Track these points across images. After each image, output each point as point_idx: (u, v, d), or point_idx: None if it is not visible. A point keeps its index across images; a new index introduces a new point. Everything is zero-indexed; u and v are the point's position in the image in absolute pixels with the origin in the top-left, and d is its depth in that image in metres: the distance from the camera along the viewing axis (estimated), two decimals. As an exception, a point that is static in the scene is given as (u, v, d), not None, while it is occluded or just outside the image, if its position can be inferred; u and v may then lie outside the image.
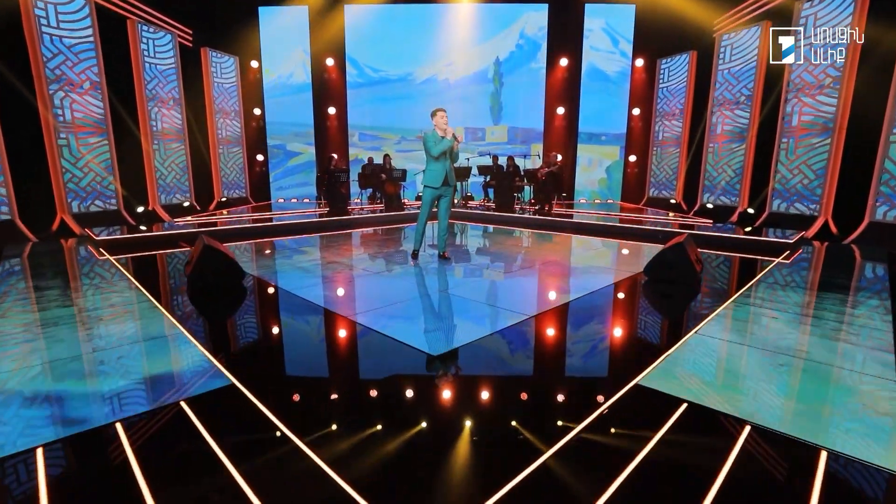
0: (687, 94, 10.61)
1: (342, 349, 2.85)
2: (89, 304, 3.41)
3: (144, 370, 2.35)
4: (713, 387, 2.20)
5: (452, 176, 4.83)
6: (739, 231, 7.29)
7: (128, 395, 2.09)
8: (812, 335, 2.86)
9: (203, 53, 10.29)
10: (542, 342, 2.95)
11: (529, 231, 7.81)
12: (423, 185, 4.81)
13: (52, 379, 2.23)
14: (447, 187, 4.80)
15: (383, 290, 3.89)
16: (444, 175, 4.70)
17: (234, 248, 5.98)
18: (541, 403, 2.19)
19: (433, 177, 4.72)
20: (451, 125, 4.70)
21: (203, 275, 3.68)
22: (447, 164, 4.72)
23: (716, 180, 9.51)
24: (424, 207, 4.85)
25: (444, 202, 4.88)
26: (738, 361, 2.52)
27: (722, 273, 4.78)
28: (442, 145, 4.58)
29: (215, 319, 3.32)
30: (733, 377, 2.35)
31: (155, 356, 2.53)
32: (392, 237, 7.16)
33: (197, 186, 9.92)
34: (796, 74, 7.58)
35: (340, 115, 12.25)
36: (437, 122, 4.65)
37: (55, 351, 2.55)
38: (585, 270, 4.75)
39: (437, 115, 4.65)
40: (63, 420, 1.87)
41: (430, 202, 4.80)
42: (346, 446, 1.72)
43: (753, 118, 8.72)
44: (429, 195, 4.79)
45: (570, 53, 11.86)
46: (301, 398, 2.14)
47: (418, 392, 2.22)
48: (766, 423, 1.86)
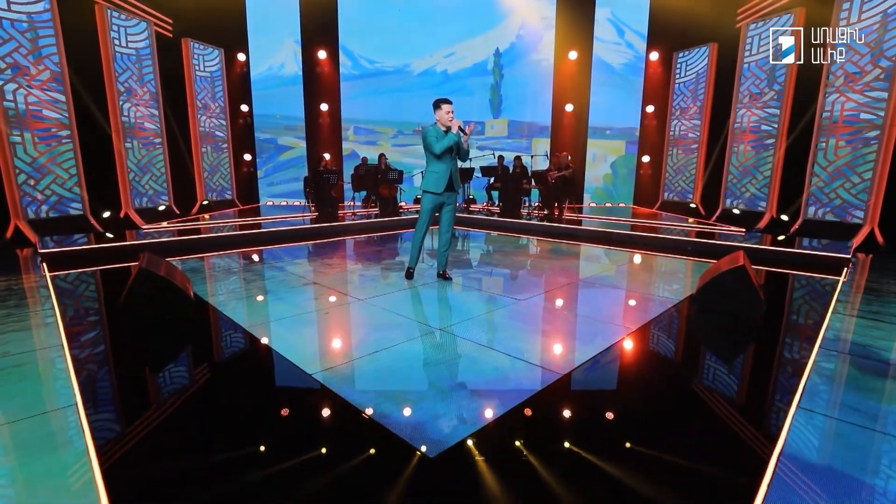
0: (706, 89, 9.83)
1: (286, 428, 1.94)
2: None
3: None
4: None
5: (458, 179, 4.04)
6: (767, 241, 6.51)
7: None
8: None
9: (184, 44, 9.50)
10: (582, 420, 2.03)
11: (540, 240, 7.02)
12: (423, 190, 4.01)
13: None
14: (451, 193, 4.00)
15: (364, 329, 3.05)
16: (447, 177, 3.89)
17: (197, 264, 5.20)
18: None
19: (435, 180, 3.92)
20: (454, 118, 3.90)
21: (135, 308, 2.90)
22: (452, 164, 3.93)
23: (740, 183, 8.73)
24: (423, 216, 4.03)
25: (447, 211, 4.07)
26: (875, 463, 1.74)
27: (779, 298, 4.00)
28: (446, 141, 3.79)
29: (134, 383, 2.39)
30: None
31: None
32: (385, 247, 6.37)
33: (176, 189, 9.14)
34: (838, 66, 6.79)
35: (333, 111, 11.48)
36: (441, 116, 3.86)
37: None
38: (614, 295, 3.96)
39: (443, 107, 3.85)
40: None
41: (430, 210, 4.00)
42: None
43: (784, 115, 7.93)
44: (429, 202, 3.98)
45: (579, 46, 11.09)
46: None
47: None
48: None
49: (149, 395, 2.25)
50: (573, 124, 11.43)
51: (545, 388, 2.21)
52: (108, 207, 7.67)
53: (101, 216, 7.45)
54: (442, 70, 11.48)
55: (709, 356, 2.81)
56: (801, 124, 7.63)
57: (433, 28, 11.23)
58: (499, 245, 6.62)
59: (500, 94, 11.60)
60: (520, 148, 11.49)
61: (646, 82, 11.12)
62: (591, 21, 10.99)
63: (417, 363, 2.53)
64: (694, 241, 6.30)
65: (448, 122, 3.85)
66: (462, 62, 11.43)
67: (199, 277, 4.45)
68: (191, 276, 4.35)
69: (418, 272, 4.33)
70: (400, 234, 7.59)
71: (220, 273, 4.68)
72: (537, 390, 2.20)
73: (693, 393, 2.29)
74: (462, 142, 3.84)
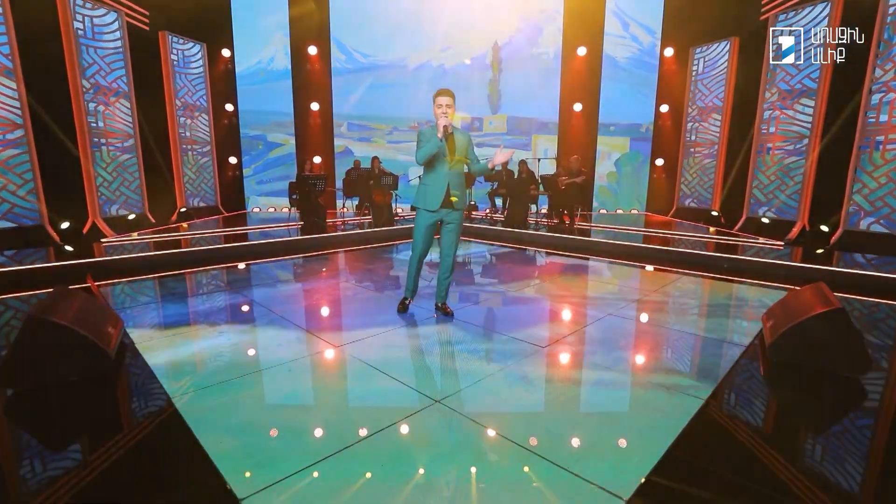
0: (727, 87, 9.10)
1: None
2: None
3: None
4: None
5: (462, 193, 3.23)
6: (798, 254, 5.76)
7: None
8: None
9: (162, 39, 8.76)
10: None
11: (553, 254, 6.27)
12: (414, 206, 3.27)
13: None
14: (451, 211, 3.21)
15: (333, 401, 2.25)
16: (444, 191, 3.12)
17: (151, 288, 4.43)
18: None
19: (426, 193, 3.17)
20: None
21: (21, 368, 2.14)
22: (453, 173, 3.16)
23: (766, 189, 7.98)
24: (417, 237, 3.26)
25: (448, 232, 3.28)
26: None
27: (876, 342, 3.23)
28: (428, 148, 3.05)
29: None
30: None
31: None
32: (377, 264, 5.61)
33: (152, 195, 8.37)
34: (886, 58, 6.05)
35: (325, 110, 10.73)
36: (435, 110, 3.09)
37: None
38: (662, 336, 3.18)
39: (436, 99, 3.08)
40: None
41: (424, 230, 3.23)
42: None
43: (819, 114, 7.19)
44: (422, 221, 3.22)
45: (588, 42, 10.37)
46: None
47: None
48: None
49: None
50: (582, 125, 10.69)
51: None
52: (73, 217, 6.91)
53: (61, 226, 6.68)
54: (439, 64, 10.88)
55: (811, 441, 2.05)
56: (839, 124, 6.88)
57: (430, 20, 10.63)
58: (507, 262, 5.86)
59: (499, 89, 10.98)
60: (519, 145, 10.87)
61: (660, 80, 10.39)
62: (601, 15, 10.27)
63: (407, 478, 1.64)
64: (733, 259, 5.54)
65: (437, 121, 3.05)
66: (460, 56, 10.84)
67: (143, 309, 3.68)
68: (135, 306, 3.60)
69: (415, 297, 3.57)
70: (395, 246, 6.84)
71: (171, 302, 3.91)
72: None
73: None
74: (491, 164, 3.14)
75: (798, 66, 7.38)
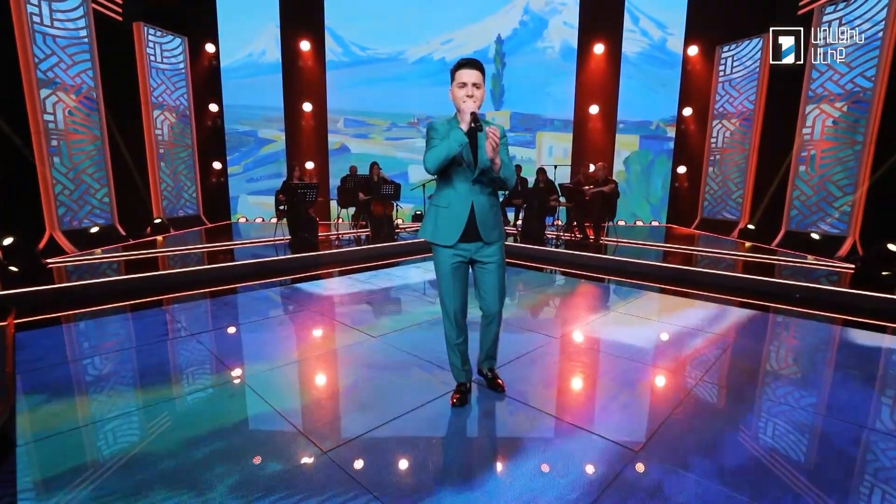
0: (759, 88, 8.31)
1: None
2: None
3: None
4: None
5: (493, 215, 2.14)
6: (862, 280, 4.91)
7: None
8: None
9: (136, 30, 7.88)
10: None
11: (580, 276, 5.39)
12: (429, 240, 2.15)
13: None
14: (480, 244, 2.13)
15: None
16: (465, 216, 2.06)
17: (88, 324, 3.53)
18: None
19: (439, 219, 2.10)
20: (452, 110, 2.08)
21: None
22: (479, 190, 2.08)
23: (810, 201, 7.16)
24: (444, 287, 2.15)
25: (486, 273, 2.17)
26: None
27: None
28: (447, 146, 1.93)
29: None
30: None
31: None
32: (380, 298, 4.70)
33: (124, 205, 7.45)
34: (966, 53, 5.24)
35: (318, 110, 9.88)
36: (455, 92, 2.03)
37: None
38: (788, 421, 2.31)
39: (457, 75, 2.02)
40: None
41: (450, 276, 2.12)
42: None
43: (874, 116, 6.39)
44: (443, 263, 2.12)
45: (605, 39, 9.59)
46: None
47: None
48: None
49: None
50: (600, 128, 9.88)
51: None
52: (26, 230, 5.97)
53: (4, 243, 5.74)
54: (440, 58, 10.21)
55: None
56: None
57: (430, 12, 10.02)
58: (534, 288, 4.97)
59: (502, 84, 10.35)
60: (523, 142, 10.27)
61: (683, 81, 9.60)
62: (620, 12, 9.52)
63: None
64: (797, 287, 4.67)
65: (461, 105, 1.97)
66: (461, 49, 10.16)
67: (62, 362, 2.77)
68: (59, 350, 2.67)
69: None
70: (397, 264, 5.94)
71: (106, 357, 2.99)
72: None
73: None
74: (489, 147, 1.92)
75: (849, 62, 6.59)
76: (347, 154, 10.15)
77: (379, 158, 8.50)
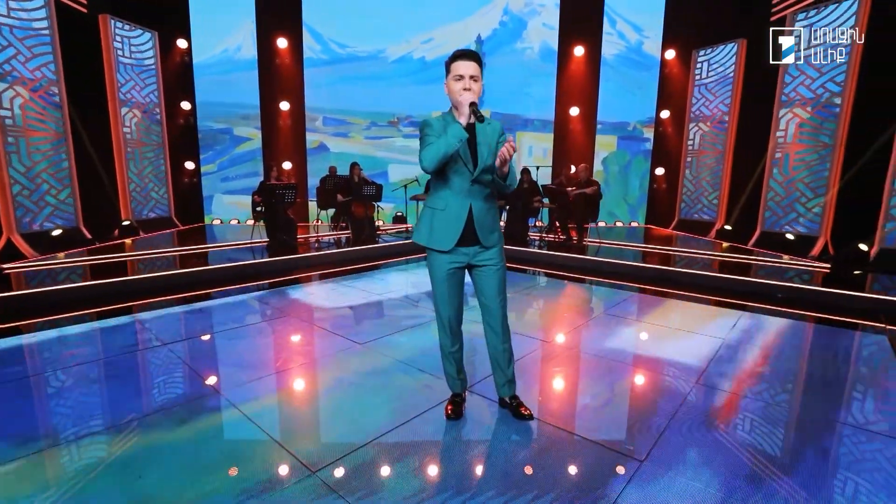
0: (734, 92, 8.49)
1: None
2: None
3: None
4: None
5: (492, 218, 2.04)
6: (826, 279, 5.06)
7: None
8: None
9: (103, 23, 7.51)
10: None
11: (565, 278, 5.37)
12: (425, 246, 2.03)
13: None
14: (479, 248, 2.01)
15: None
16: (463, 219, 1.95)
17: (35, 338, 3.30)
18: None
19: (434, 223, 1.98)
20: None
21: None
22: (478, 191, 1.97)
23: (783, 202, 7.34)
24: (438, 293, 2.04)
25: (486, 278, 2.04)
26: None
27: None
28: (445, 143, 1.80)
29: None
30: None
31: None
32: (364, 303, 4.56)
33: (89, 206, 7.08)
34: (930, 60, 5.45)
35: (296, 109, 9.65)
36: (451, 85, 1.93)
37: None
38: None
39: (452, 67, 1.92)
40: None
41: (446, 283, 2.01)
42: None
43: (844, 120, 6.59)
44: (439, 269, 2.01)
45: (586, 39, 9.67)
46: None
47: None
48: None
49: None
50: (581, 130, 9.95)
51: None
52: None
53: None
54: (420, 57, 10.15)
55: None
56: (867, 131, 6.29)
57: (410, 11, 9.93)
58: (517, 290, 4.91)
59: (482, 84, 10.35)
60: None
61: (660, 84, 9.75)
62: (599, 13, 9.62)
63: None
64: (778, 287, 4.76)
65: (459, 97, 1.88)
66: (441, 49, 10.09)
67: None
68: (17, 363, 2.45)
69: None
70: (380, 267, 5.80)
71: (68, 371, 2.78)
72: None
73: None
74: (508, 151, 1.81)
75: (820, 68, 6.79)
76: (326, 153, 9.96)
77: (359, 158, 8.36)
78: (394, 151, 10.16)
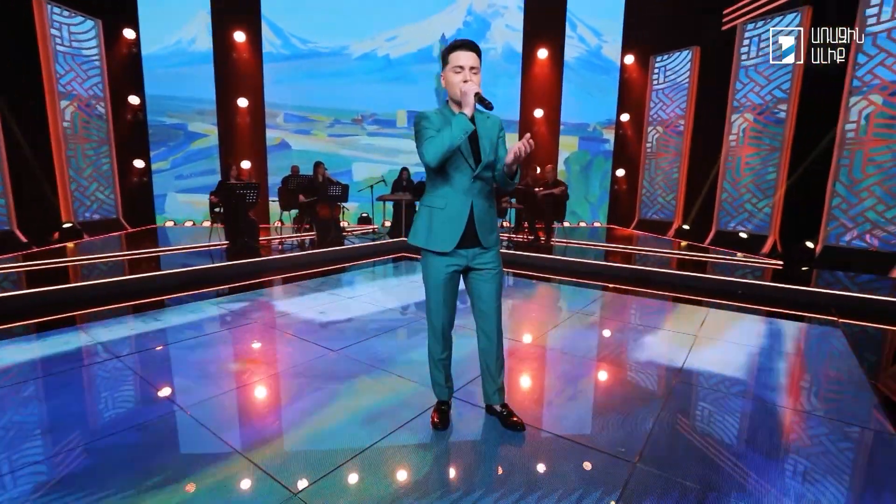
0: (689, 97, 8.86)
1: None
2: None
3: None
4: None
5: (492, 217, 1.97)
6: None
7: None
8: None
9: (38, 8, 6.91)
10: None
11: (535, 278, 5.40)
12: (422, 247, 1.94)
13: None
14: (479, 250, 1.93)
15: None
16: (464, 218, 1.86)
17: None
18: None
19: (436, 223, 1.87)
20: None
21: None
22: (479, 188, 1.88)
23: (737, 202, 7.72)
24: (433, 297, 1.96)
25: (483, 283, 1.97)
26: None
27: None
28: (442, 139, 1.71)
29: None
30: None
31: None
32: (333, 307, 4.40)
33: (24, 207, 6.50)
34: (866, 70, 5.86)
35: (255, 106, 9.28)
36: (449, 77, 1.82)
37: None
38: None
39: (450, 57, 1.81)
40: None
41: (442, 287, 1.92)
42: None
43: (790, 125, 7.00)
44: (435, 272, 1.92)
45: (549, 42, 9.83)
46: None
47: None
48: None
49: None
50: (546, 131, 10.10)
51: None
52: None
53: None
54: (384, 54, 10.07)
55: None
56: (813, 136, 6.71)
57: (374, 8, 9.80)
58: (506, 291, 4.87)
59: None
60: None
61: (620, 88, 10.06)
62: (561, 17, 9.80)
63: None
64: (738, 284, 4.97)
65: (457, 94, 1.80)
66: (406, 47, 10.10)
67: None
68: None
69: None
70: (347, 269, 5.63)
71: (2, 391, 2.51)
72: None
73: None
74: (525, 151, 1.70)
75: (768, 76, 7.18)
76: (288, 151, 9.63)
77: (322, 156, 8.13)
78: (358, 150, 9.95)
